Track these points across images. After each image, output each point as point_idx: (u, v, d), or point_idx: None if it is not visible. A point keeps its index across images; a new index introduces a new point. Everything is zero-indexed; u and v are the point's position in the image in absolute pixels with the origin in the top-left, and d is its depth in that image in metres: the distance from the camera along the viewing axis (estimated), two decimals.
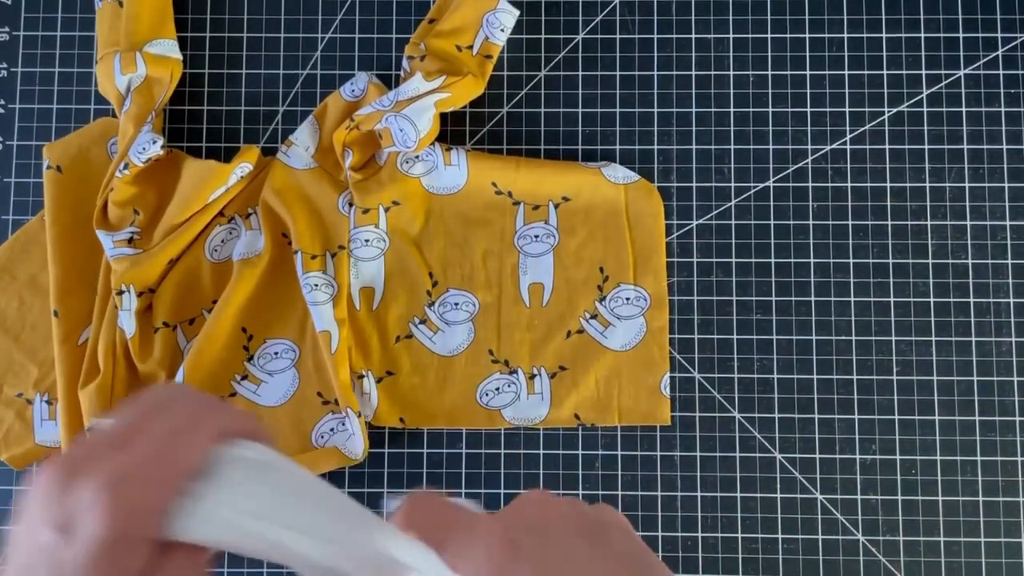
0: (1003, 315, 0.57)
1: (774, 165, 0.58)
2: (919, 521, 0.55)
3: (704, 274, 0.58)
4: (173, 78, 0.58)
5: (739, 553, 0.55)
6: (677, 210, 0.58)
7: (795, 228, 0.58)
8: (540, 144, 0.59)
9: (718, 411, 0.56)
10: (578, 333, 0.57)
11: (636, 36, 0.60)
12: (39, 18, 0.61)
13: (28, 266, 0.58)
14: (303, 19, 0.61)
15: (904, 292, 0.57)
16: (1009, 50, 0.59)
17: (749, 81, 0.59)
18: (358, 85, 0.58)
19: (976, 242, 0.57)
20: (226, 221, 0.58)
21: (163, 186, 0.57)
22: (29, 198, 0.59)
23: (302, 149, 0.58)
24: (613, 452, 0.56)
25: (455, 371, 0.57)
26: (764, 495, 0.56)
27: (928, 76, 0.59)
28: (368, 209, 0.57)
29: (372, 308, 0.57)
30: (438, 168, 0.58)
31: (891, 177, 0.58)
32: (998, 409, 0.56)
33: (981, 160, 0.58)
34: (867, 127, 0.59)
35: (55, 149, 0.57)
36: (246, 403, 0.56)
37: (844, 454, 0.56)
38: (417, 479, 0.56)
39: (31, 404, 0.57)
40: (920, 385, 0.56)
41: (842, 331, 0.57)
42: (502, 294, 0.58)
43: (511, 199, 0.58)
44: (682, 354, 0.57)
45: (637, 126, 0.59)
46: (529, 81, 0.60)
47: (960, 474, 0.56)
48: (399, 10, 0.61)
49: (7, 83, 0.60)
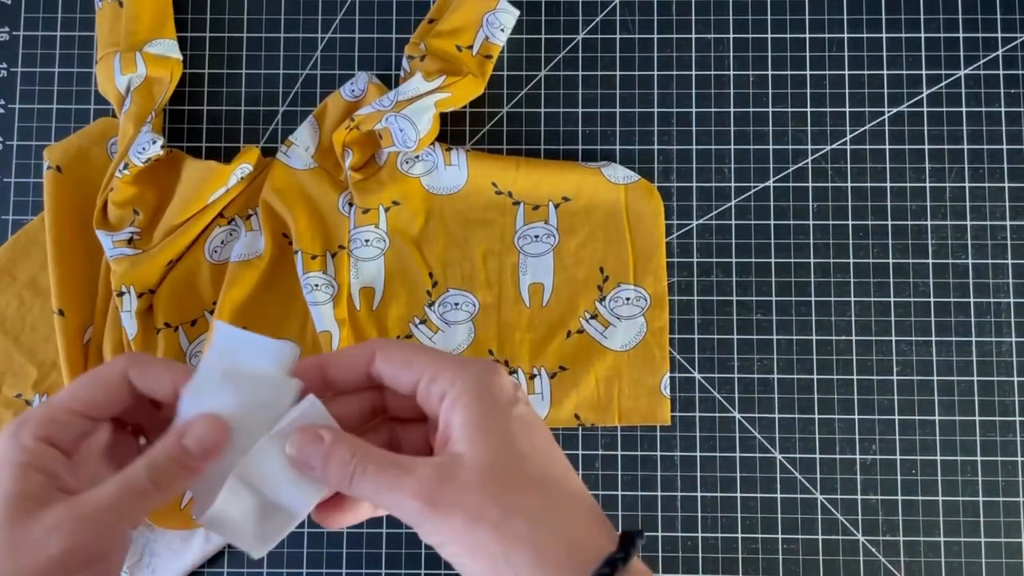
0: (1003, 315, 0.57)
1: (774, 165, 0.58)
2: (919, 521, 0.55)
3: (704, 274, 0.58)
4: (173, 78, 0.58)
5: (739, 553, 0.55)
6: (677, 210, 0.58)
7: (795, 228, 0.58)
8: (540, 144, 0.59)
9: (718, 411, 0.56)
10: (578, 333, 0.57)
11: (636, 36, 0.60)
12: (39, 18, 0.61)
13: (28, 267, 0.58)
14: (303, 19, 0.61)
15: (904, 292, 0.57)
16: (1009, 50, 0.59)
17: (749, 81, 0.59)
18: (358, 85, 0.58)
19: (976, 242, 0.57)
20: (226, 222, 0.58)
21: (163, 186, 0.57)
22: (29, 198, 0.59)
23: (302, 149, 0.58)
24: (613, 452, 0.56)
25: None
26: (764, 495, 0.56)
27: (928, 76, 0.59)
28: (368, 209, 0.57)
29: (372, 308, 0.57)
30: (438, 168, 0.58)
31: (891, 177, 0.58)
32: (998, 409, 0.56)
33: (981, 160, 0.58)
34: (867, 127, 0.59)
35: (55, 150, 0.57)
36: None
37: (844, 454, 0.56)
38: None
39: (30, 405, 0.57)
40: (920, 385, 0.56)
41: (842, 331, 0.57)
42: (502, 294, 0.58)
43: (511, 199, 0.58)
44: (682, 354, 0.57)
45: (637, 126, 0.59)
46: (529, 81, 0.60)
47: (960, 474, 0.56)
48: (399, 10, 0.61)
49: (7, 83, 0.60)
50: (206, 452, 0.31)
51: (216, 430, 0.31)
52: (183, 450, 0.30)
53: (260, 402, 0.32)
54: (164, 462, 0.30)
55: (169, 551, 0.54)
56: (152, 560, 0.54)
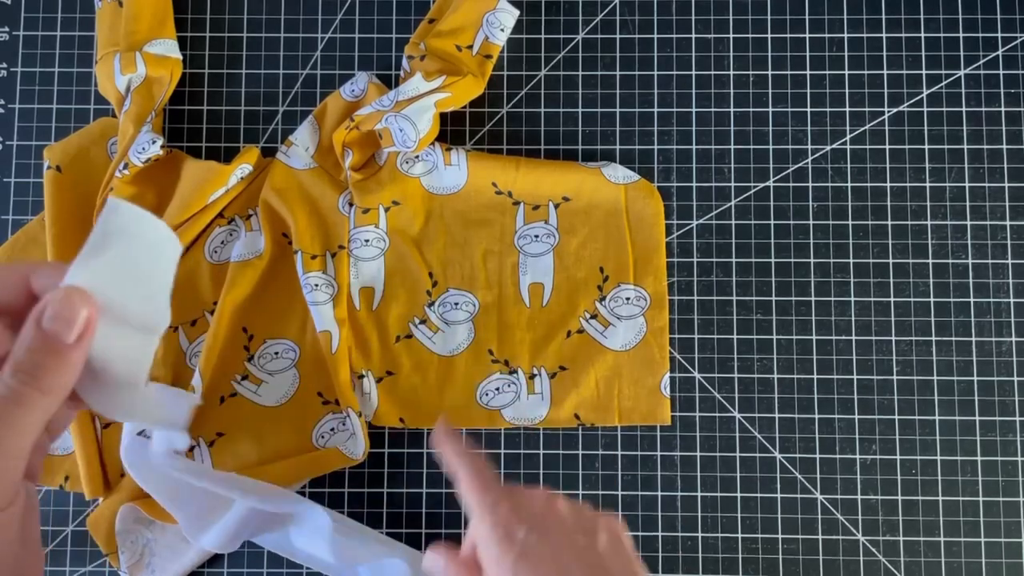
0: (1003, 315, 0.57)
1: (774, 165, 0.58)
2: (919, 521, 0.55)
3: (704, 274, 0.58)
4: (173, 78, 0.58)
5: (739, 553, 0.55)
6: (677, 210, 0.58)
7: (795, 228, 0.58)
8: (540, 144, 0.59)
9: (718, 411, 0.56)
10: (578, 333, 0.57)
11: (636, 36, 0.60)
12: (39, 18, 0.61)
13: None
14: (303, 19, 0.61)
15: (904, 292, 0.57)
16: (1009, 50, 0.59)
17: (749, 81, 0.59)
18: (358, 85, 0.58)
19: (976, 242, 0.57)
20: (226, 222, 0.58)
21: (163, 186, 0.57)
22: (29, 198, 0.59)
23: (302, 149, 0.58)
24: (613, 452, 0.56)
25: (455, 371, 0.57)
26: (764, 495, 0.56)
27: (928, 76, 0.59)
28: (368, 209, 0.57)
29: (372, 308, 0.57)
30: (438, 168, 0.58)
31: (891, 177, 0.58)
32: (998, 409, 0.56)
33: (981, 160, 0.58)
34: (867, 127, 0.59)
35: (55, 150, 0.57)
36: (246, 403, 0.56)
37: (844, 454, 0.56)
38: (417, 479, 0.56)
39: None
40: (920, 385, 0.56)
41: (842, 331, 0.57)
42: (502, 294, 0.58)
43: (511, 199, 0.58)
44: (682, 354, 0.57)
45: (637, 126, 0.59)
46: (529, 81, 0.60)
47: (960, 474, 0.56)
48: (399, 10, 0.61)
49: (7, 83, 0.60)
50: (76, 330, 0.25)
51: (78, 302, 0.25)
52: (46, 335, 0.25)
53: (136, 270, 0.27)
54: (28, 355, 0.24)
55: (169, 551, 0.54)
56: (152, 560, 0.54)
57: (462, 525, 0.56)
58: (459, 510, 0.56)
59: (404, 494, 0.56)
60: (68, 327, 0.25)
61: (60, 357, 0.25)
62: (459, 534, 0.55)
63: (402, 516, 0.56)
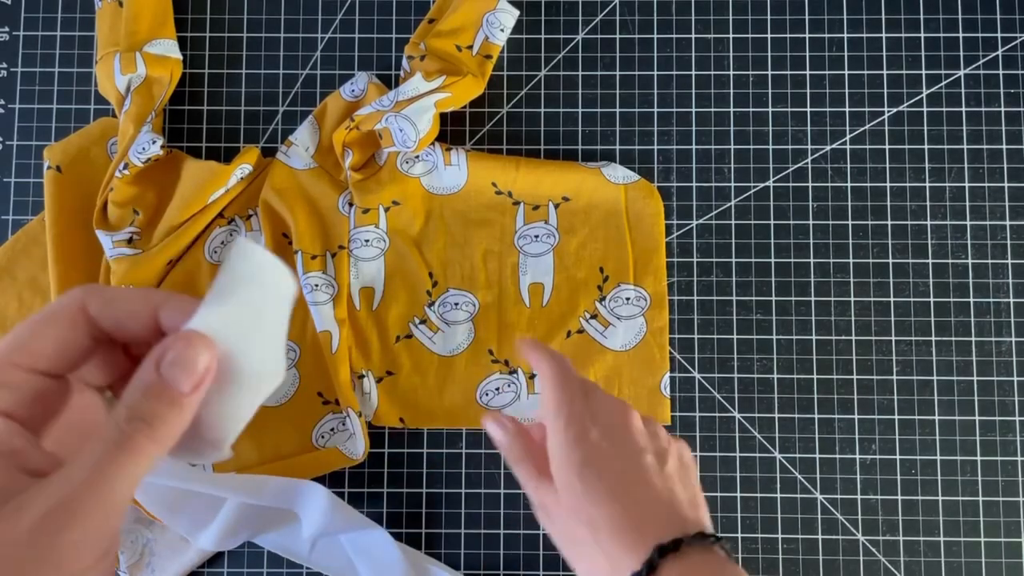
0: (1003, 315, 0.57)
1: (774, 165, 0.58)
2: (919, 521, 0.55)
3: (704, 274, 0.58)
4: (173, 78, 0.58)
5: (739, 553, 0.55)
6: (677, 210, 0.58)
7: (795, 228, 0.58)
8: (540, 144, 0.59)
9: (718, 411, 0.56)
10: (578, 333, 0.57)
11: (636, 36, 0.60)
12: (39, 18, 0.61)
13: (28, 266, 0.58)
14: (303, 19, 0.61)
15: (904, 292, 0.57)
16: (1009, 50, 0.59)
17: (749, 81, 0.59)
18: (358, 85, 0.58)
19: (976, 242, 0.57)
20: (226, 222, 0.58)
21: (163, 186, 0.57)
22: (29, 198, 0.59)
23: (302, 149, 0.58)
24: None
25: (455, 371, 0.57)
26: (764, 495, 0.56)
27: (928, 76, 0.59)
28: (368, 209, 0.57)
29: (372, 308, 0.57)
30: (438, 168, 0.58)
31: (891, 177, 0.58)
32: (998, 409, 0.56)
33: (981, 160, 0.58)
34: (867, 127, 0.59)
35: (55, 150, 0.57)
36: None
37: (844, 454, 0.56)
38: (417, 479, 0.56)
39: None
40: (920, 385, 0.56)
41: (842, 331, 0.57)
42: (502, 294, 0.58)
43: (511, 199, 0.58)
44: (682, 354, 0.57)
45: (637, 126, 0.59)
46: (529, 81, 0.60)
47: (960, 474, 0.56)
48: (399, 10, 0.61)
49: (7, 83, 0.60)
50: (194, 380, 0.24)
51: (200, 349, 0.24)
52: (164, 381, 0.23)
53: (260, 320, 0.26)
54: (146, 401, 0.23)
55: (169, 551, 0.54)
56: (152, 560, 0.54)
57: (462, 525, 0.56)
58: (459, 510, 0.56)
59: (404, 494, 0.56)
60: (186, 375, 0.24)
61: (176, 407, 0.24)
62: (459, 534, 0.55)
63: (402, 516, 0.56)
